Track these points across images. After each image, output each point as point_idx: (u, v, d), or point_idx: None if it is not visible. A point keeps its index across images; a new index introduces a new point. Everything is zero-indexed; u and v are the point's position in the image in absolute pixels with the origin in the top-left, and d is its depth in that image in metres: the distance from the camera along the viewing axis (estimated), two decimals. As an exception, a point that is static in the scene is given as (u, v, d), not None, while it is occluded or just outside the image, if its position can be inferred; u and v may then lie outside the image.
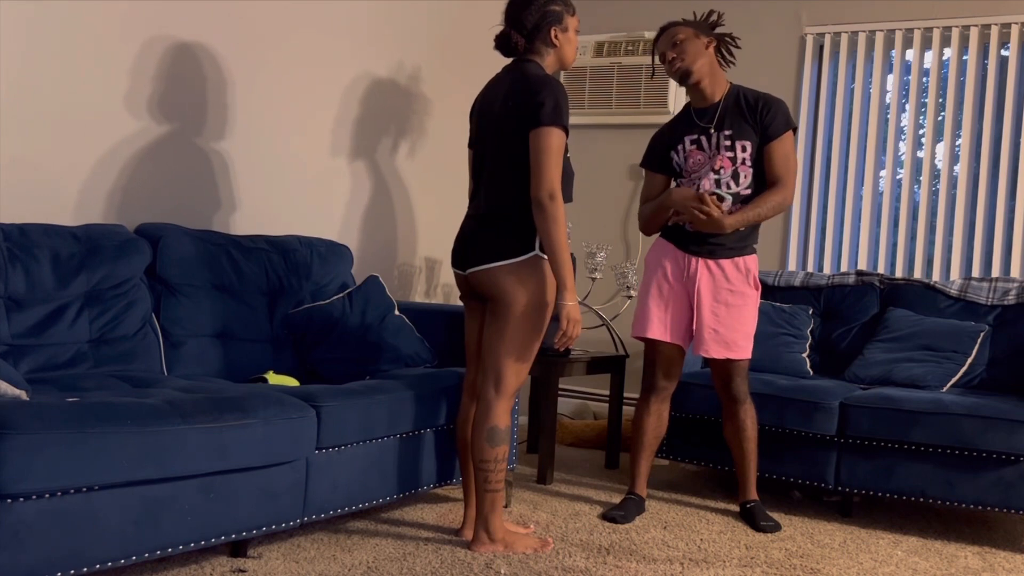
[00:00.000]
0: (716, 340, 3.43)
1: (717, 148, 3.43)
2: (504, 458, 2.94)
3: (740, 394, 3.50)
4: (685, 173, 3.50)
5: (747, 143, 3.42)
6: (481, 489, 2.96)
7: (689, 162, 3.47)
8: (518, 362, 2.92)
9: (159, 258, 3.24)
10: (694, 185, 3.45)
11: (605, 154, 5.18)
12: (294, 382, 3.24)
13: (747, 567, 3.00)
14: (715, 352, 3.43)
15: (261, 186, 3.86)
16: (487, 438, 2.91)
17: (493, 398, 2.92)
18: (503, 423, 2.92)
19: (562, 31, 2.97)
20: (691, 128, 3.50)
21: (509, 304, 2.87)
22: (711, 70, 3.46)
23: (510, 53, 2.99)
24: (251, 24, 3.77)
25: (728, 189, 3.42)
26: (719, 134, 3.44)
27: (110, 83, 3.31)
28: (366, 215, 4.35)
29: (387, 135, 4.44)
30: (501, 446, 2.93)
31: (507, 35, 2.96)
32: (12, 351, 2.80)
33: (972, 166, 4.44)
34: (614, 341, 4.65)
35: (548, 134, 2.80)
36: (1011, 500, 3.33)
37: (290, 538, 3.02)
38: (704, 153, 3.45)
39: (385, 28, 4.37)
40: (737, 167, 3.41)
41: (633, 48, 5.07)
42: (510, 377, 2.92)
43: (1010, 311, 3.99)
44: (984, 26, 4.40)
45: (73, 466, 2.21)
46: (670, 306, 3.50)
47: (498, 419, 2.92)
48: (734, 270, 3.45)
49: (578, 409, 5.17)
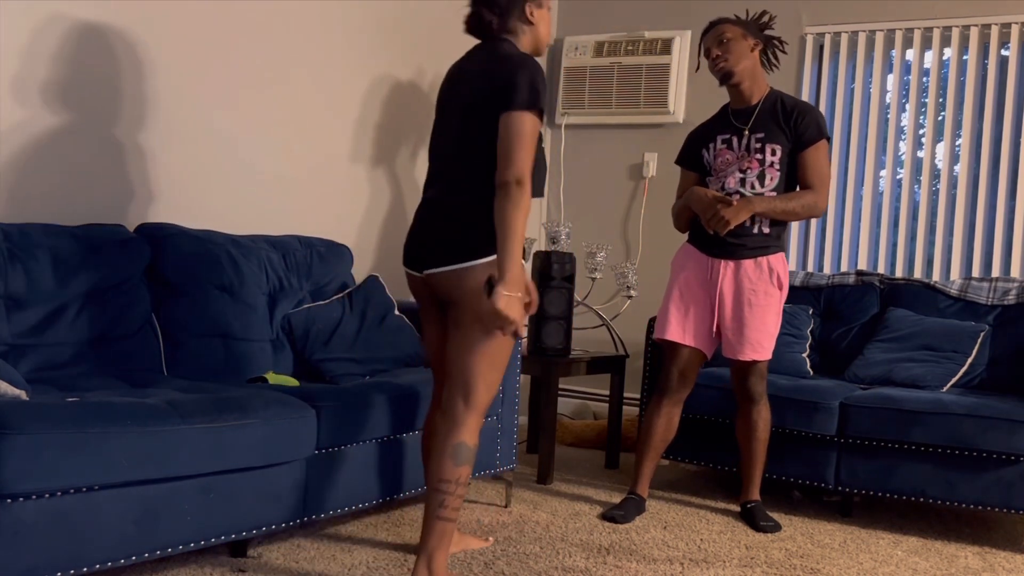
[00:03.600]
0: (742, 342, 3.42)
1: (747, 150, 3.44)
2: (466, 482, 2.54)
3: (756, 394, 3.49)
4: (713, 171, 3.51)
5: (777, 147, 3.42)
6: (432, 515, 2.51)
7: (718, 160, 3.49)
8: (488, 372, 2.53)
9: (159, 258, 3.24)
10: (720, 183, 3.47)
11: (605, 154, 5.18)
12: (294, 382, 3.24)
13: (747, 567, 3.00)
14: (743, 354, 3.42)
15: (261, 186, 3.86)
16: (451, 454, 2.50)
17: (462, 412, 2.53)
18: (472, 440, 2.53)
19: (537, 7, 2.66)
20: (724, 128, 3.52)
21: (473, 310, 2.48)
22: (753, 73, 3.47)
23: (483, 35, 2.68)
24: (253, 25, 3.77)
25: (752, 189, 3.42)
26: (751, 136, 3.44)
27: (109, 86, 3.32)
28: (366, 215, 4.35)
29: (387, 135, 4.44)
30: (465, 466, 2.52)
31: (478, 14, 2.65)
32: (12, 351, 2.80)
33: (972, 166, 4.44)
34: (614, 341, 4.65)
35: (521, 118, 2.45)
36: (1011, 500, 3.33)
37: (290, 538, 3.01)
38: (733, 153, 3.46)
39: (388, 27, 4.37)
40: (764, 168, 3.42)
41: (633, 48, 5.07)
42: (481, 390, 2.53)
43: (1010, 311, 3.99)
44: (984, 26, 4.40)
45: (73, 466, 2.21)
46: (691, 309, 3.49)
47: (467, 435, 2.52)
48: (756, 270, 3.43)
49: (578, 409, 5.17)
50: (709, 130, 3.57)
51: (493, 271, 2.45)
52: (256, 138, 3.83)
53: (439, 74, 4.65)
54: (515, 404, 3.55)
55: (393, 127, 4.47)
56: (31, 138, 3.11)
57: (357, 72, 4.26)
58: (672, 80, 4.96)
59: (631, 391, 4.67)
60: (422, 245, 2.62)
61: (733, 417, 3.70)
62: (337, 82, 4.17)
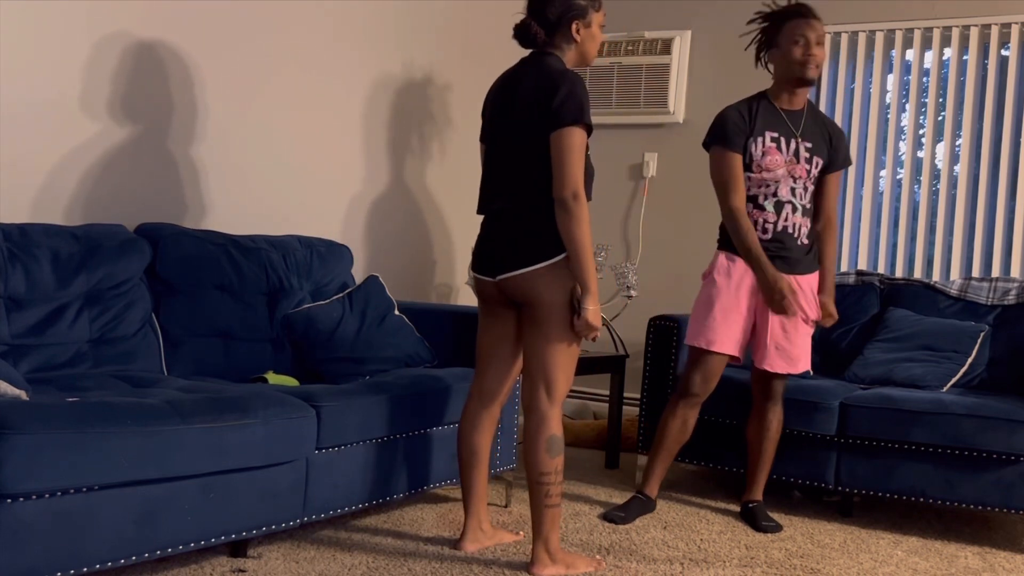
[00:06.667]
0: (781, 356, 3.39)
1: (796, 156, 3.36)
2: (563, 468, 2.81)
3: (776, 396, 3.49)
4: (756, 167, 3.35)
5: (820, 160, 3.40)
6: (540, 506, 2.79)
7: (766, 159, 3.33)
8: (567, 365, 2.79)
9: (159, 258, 3.24)
10: (768, 188, 3.34)
11: (605, 154, 5.17)
12: (294, 382, 3.24)
13: (747, 567, 3.00)
14: (779, 367, 3.40)
15: (261, 186, 3.86)
16: (546, 448, 2.75)
17: (547, 407, 2.77)
18: (560, 431, 2.78)
19: (585, 26, 2.80)
20: (775, 125, 3.37)
21: (548, 307, 2.73)
22: None
23: (529, 44, 2.84)
24: (254, 25, 3.77)
25: (801, 200, 3.38)
26: (801, 143, 3.37)
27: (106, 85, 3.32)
28: (367, 215, 4.35)
29: (389, 135, 4.44)
30: (560, 456, 2.78)
31: (527, 25, 2.79)
32: (12, 351, 2.80)
33: (972, 166, 4.44)
34: (614, 341, 4.65)
35: (570, 134, 2.66)
36: (1011, 500, 3.32)
37: (290, 538, 3.01)
38: (781, 155, 3.35)
39: (390, 27, 4.37)
40: (807, 181, 3.37)
41: (633, 48, 5.07)
42: (561, 382, 2.78)
43: (1010, 311, 3.99)
44: (984, 26, 4.40)
45: (73, 466, 2.21)
46: (733, 318, 3.39)
47: (555, 427, 2.77)
48: (807, 287, 3.41)
49: (578, 409, 5.17)
50: (756, 122, 3.35)
51: (560, 272, 2.72)
52: (256, 138, 3.83)
53: (445, 73, 4.66)
54: (515, 404, 3.55)
55: (394, 127, 4.47)
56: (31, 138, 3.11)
57: (358, 72, 4.25)
58: (672, 80, 4.96)
59: (631, 391, 4.66)
60: (493, 253, 2.84)
61: (735, 418, 3.70)
62: (338, 82, 4.17)
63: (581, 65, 2.90)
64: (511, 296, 2.82)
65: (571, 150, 2.66)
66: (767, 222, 3.37)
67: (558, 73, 2.73)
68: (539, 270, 2.74)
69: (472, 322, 3.48)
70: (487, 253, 2.86)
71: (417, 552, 2.95)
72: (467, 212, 4.19)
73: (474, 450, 2.99)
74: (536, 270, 2.74)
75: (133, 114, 3.40)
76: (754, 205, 3.38)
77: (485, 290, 2.91)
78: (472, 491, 3.01)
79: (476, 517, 3.02)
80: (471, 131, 4.31)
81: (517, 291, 2.78)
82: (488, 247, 2.86)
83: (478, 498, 3.01)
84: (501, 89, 2.89)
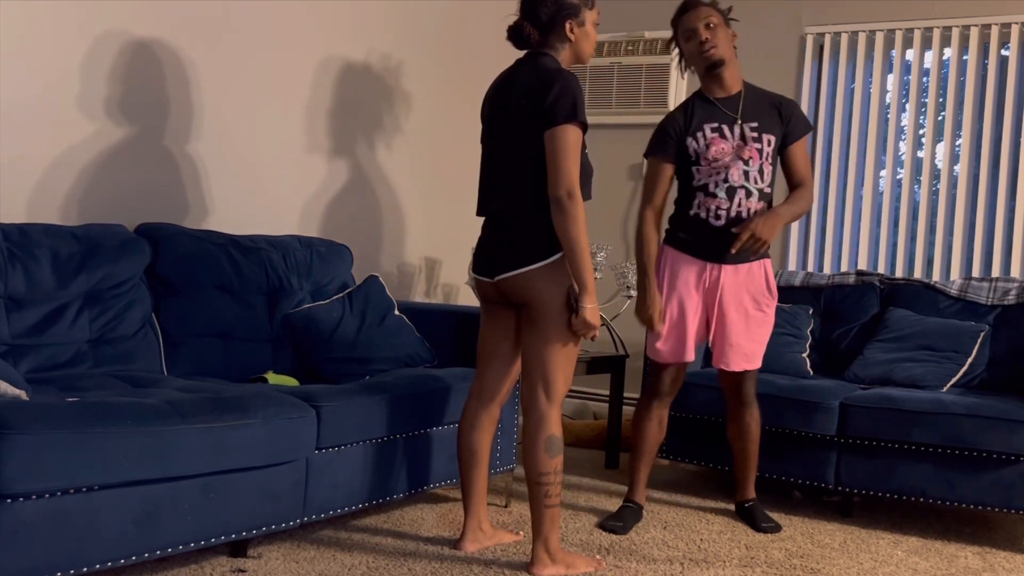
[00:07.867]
0: (737, 353, 3.37)
1: (743, 139, 3.34)
2: (562, 468, 2.81)
3: (749, 397, 3.47)
4: (704, 161, 3.34)
5: (772, 137, 3.36)
6: (539, 506, 2.79)
7: (711, 150, 3.32)
8: (566, 364, 2.79)
9: (159, 258, 3.24)
10: (718, 175, 3.32)
11: (605, 154, 5.17)
12: (294, 382, 3.24)
13: (747, 567, 3.00)
14: (736, 365, 3.37)
15: (261, 186, 3.86)
16: (546, 448, 2.76)
17: (546, 406, 2.78)
18: (559, 431, 2.79)
19: (578, 25, 2.81)
20: (711, 116, 3.36)
21: (545, 307, 2.74)
22: (733, 61, 3.37)
23: (523, 45, 2.85)
24: (253, 25, 3.77)
25: (755, 183, 3.33)
26: (744, 125, 3.35)
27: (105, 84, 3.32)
28: (366, 215, 4.35)
29: (389, 135, 4.44)
30: (559, 456, 2.78)
31: (520, 26, 2.82)
32: (12, 351, 2.80)
33: (972, 166, 4.44)
34: (614, 341, 4.65)
35: (564, 131, 2.66)
36: (1011, 500, 3.33)
37: (290, 538, 3.02)
38: (727, 142, 3.33)
39: (391, 26, 4.37)
40: (762, 163, 3.34)
41: (633, 48, 5.07)
42: (559, 382, 2.79)
43: (1010, 311, 3.99)
44: (984, 26, 4.40)
45: (73, 466, 2.21)
46: (687, 322, 3.37)
47: (554, 427, 2.77)
48: (759, 275, 3.38)
49: (578, 409, 5.17)
50: (691, 119, 3.36)
51: (557, 271, 2.73)
52: (256, 138, 3.83)
53: (437, 71, 4.66)
54: (515, 404, 3.55)
55: (396, 128, 4.47)
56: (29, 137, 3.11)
57: (358, 71, 4.26)
58: (672, 80, 4.96)
59: (631, 391, 4.66)
60: (491, 254, 2.85)
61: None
62: (338, 82, 4.17)
63: (577, 64, 2.91)
64: (509, 296, 2.84)
65: (565, 148, 2.67)
66: (720, 208, 3.32)
67: (551, 72, 2.74)
68: (536, 270, 2.75)
69: (472, 322, 3.49)
70: (486, 254, 2.88)
71: (417, 552, 2.95)
72: (467, 212, 4.19)
73: (474, 450, 2.99)
74: (533, 270, 2.75)
75: (131, 113, 3.40)
76: (705, 194, 3.34)
77: (485, 291, 2.93)
78: (472, 491, 3.02)
79: (476, 517, 3.02)
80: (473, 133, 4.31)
81: (515, 291, 2.80)
82: (487, 248, 2.88)
83: (478, 498, 3.02)
84: (497, 90, 2.90)
